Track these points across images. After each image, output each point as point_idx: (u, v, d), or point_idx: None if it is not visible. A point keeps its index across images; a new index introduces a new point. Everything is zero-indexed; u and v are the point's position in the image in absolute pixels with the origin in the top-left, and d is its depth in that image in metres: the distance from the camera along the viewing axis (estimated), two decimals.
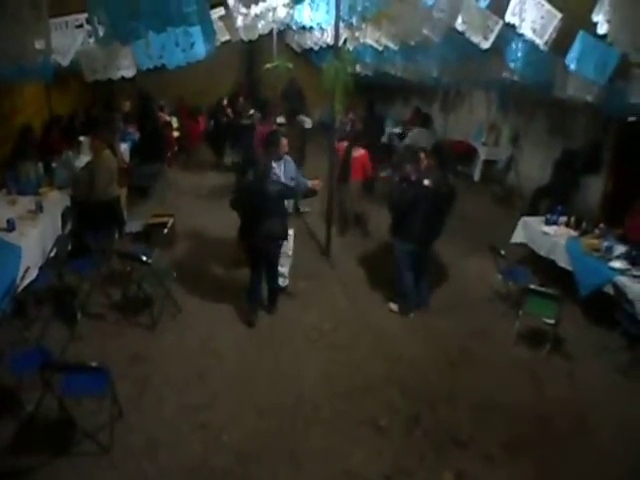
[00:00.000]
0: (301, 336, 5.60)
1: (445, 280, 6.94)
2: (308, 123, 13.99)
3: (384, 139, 12.92)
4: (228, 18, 6.66)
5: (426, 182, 5.58)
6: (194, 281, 6.66)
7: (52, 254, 5.97)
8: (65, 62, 5.06)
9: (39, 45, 3.99)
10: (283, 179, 5.60)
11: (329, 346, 5.46)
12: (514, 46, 5.81)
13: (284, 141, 5.67)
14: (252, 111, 11.58)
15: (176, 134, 12.98)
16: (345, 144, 8.17)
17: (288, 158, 5.79)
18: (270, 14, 7.65)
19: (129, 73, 5.97)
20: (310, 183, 5.83)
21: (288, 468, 3.88)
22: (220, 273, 6.95)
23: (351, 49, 8.70)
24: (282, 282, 6.25)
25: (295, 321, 5.87)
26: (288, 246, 6.15)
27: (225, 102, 13.21)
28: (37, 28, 3.92)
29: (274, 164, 5.54)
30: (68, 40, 4.91)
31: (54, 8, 4.07)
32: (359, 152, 8.14)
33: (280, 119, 12.41)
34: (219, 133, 12.56)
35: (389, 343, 5.54)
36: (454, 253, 7.37)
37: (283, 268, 6.20)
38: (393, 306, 6.13)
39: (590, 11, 4.48)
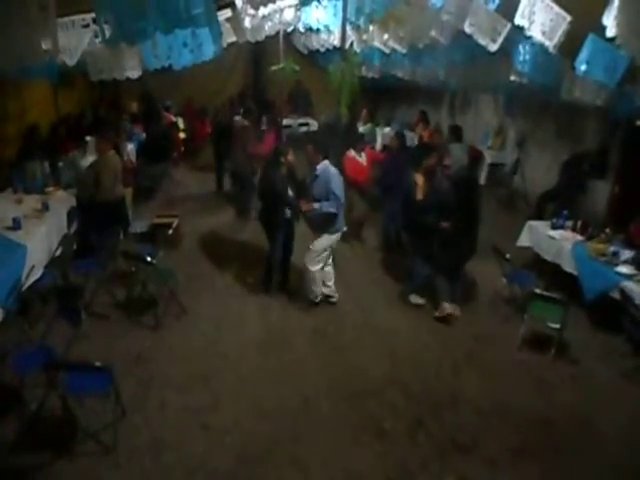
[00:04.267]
0: (305, 338, 5.59)
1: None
2: (314, 125, 14.03)
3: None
4: (235, 19, 6.67)
5: None
6: (199, 282, 6.67)
7: (57, 253, 5.99)
8: (71, 62, 5.06)
9: (46, 45, 3.99)
10: (315, 192, 5.66)
11: (333, 348, 5.44)
12: (522, 49, 5.79)
13: (289, 155, 5.87)
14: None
15: (182, 135, 12.99)
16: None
17: (327, 173, 5.61)
18: (277, 16, 7.67)
19: (135, 74, 5.98)
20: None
21: (291, 470, 3.86)
22: (225, 274, 6.95)
23: (358, 51, 8.70)
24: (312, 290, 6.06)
25: (299, 323, 5.86)
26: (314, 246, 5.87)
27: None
28: (44, 28, 3.92)
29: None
30: (74, 40, 4.92)
31: (61, 8, 4.07)
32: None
33: (287, 120, 12.44)
34: None
35: (393, 346, 5.51)
36: None
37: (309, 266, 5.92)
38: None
39: (600, 14, 4.46)
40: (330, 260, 6.10)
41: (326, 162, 5.70)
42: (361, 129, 11.96)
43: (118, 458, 3.86)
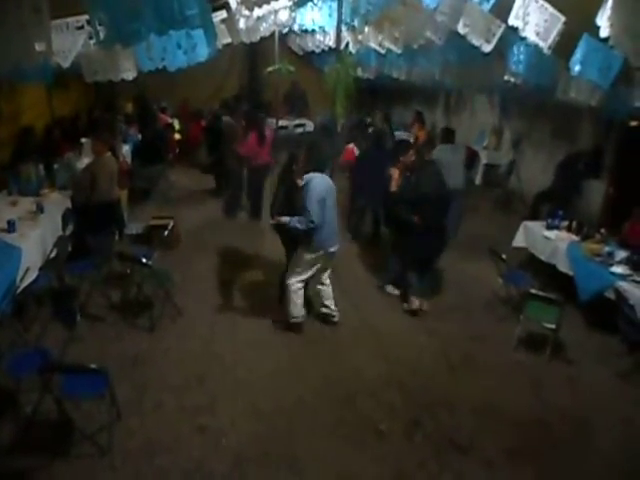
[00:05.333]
0: (301, 339, 5.59)
1: (446, 283, 6.92)
2: (310, 126, 14.03)
3: None
4: (229, 21, 6.67)
5: None
6: (195, 284, 6.66)
7: (52, 255, 5.97)
8: (66, 64, 5.05)
9: (39, 47, 3.98)
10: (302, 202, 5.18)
11: (329, 349, 5.44)
12: (516, 49, 5.80)
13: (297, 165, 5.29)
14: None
15: (178, 136, 12.97)
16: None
17: (308, 185, 5.07)
18: (272, 17, 7.67)
19: (130, 75, 5.97)
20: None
21: (287, 472, 3.85)
22: (221, 276, 6.94)
23: (353, 52, 8.71)
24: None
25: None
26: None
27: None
28: (38, 31, 3.91)
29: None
30: (69, 42, 4.90)
31: (55, 10, 4.06)
32: None
33: (283, 122, 12.40)
34: None
35: (389, 346, 5.52)
36: (455, 257, 7.33)
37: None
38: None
39: (594, 14, 4.47)
40: (327, 280, 5.77)
41: (315, 174, 5.16)
42: None
43: (114, 460, 3.84)
